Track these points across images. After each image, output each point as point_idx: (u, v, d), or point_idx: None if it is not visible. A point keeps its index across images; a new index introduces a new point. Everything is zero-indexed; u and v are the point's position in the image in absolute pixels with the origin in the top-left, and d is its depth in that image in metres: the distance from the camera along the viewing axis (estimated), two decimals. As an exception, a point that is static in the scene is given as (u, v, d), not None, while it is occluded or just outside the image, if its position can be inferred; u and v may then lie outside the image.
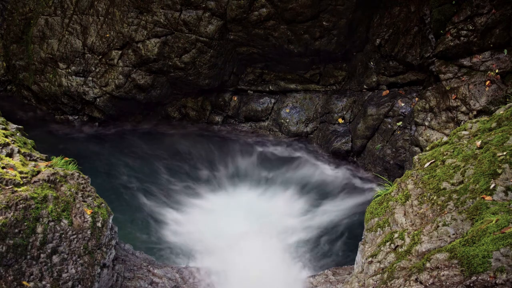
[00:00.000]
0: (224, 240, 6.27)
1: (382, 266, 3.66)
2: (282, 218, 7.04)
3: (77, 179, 4.24)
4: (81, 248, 3.85)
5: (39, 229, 3.59)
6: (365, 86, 8.69)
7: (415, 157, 4.57)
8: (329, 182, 8.17)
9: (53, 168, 4.11)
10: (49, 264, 3.58)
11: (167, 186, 7.84)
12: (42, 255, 3.55)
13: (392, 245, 3.74)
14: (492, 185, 3.50)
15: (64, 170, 4.19)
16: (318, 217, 7.10)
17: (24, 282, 3.34)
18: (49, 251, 3.61)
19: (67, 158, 4.53)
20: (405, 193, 4.08)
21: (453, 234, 3.38)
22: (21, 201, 3.52)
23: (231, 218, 6.89)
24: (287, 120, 9.25)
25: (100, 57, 8.99)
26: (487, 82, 6.53)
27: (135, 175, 8.18)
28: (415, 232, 3.61)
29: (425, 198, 3.88)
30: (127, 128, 9.71)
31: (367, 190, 7.87)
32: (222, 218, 6.88)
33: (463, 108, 6.74)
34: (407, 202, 3.99)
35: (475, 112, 6.56)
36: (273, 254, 6.05)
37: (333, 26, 8.13)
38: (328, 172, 8.50)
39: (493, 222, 3.13)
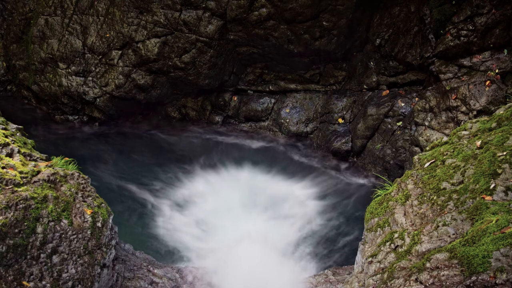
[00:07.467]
0: (224, 240, 6.27)
1: (382, 266, 3.66)
2: (282, 218, 7.05)
3: (77, 179, 4.24)
4: (81, 248, 3.85)
5: (39, 229, 3.59)
6: (365, 86, 8.69)
7: (415, 157, 4.57)
8: (329, 182, 8.17)
9: (53, 168, 4.11)
10: (49, 264, 3.57)
11: (167, 186, 7.85)
12: (42, 255, 3.55)
13: (392, 245, 3.74)
14: (492, 185, 3.49)
15: (64, 170, 4.19)
16: (318, 217, 7.10)
17: (24, 282, 3.34)
18: (49, 251, 3.61)
19: (67, 158, 4.53)
20: (405, 193, 4.08)
21: (453, 234, 3.37)
22: (21, 201, 3.52)
23: (231, 218, 6.90)
24: (287, 120, 9.25)
25: (100, 57, 8.99)
26: (487, 82, 6.53)
27: (135, 175, 8.18)
28: (415, 232, 3.61)
29: (425, 198, 3.88)
30: (127, 128, 9.71)
31: (367, 190, 7.86)
32: (222, 218, 6.89)
33: (463, 108, 6.74)
34: (407, 202, 3.99)
35: (475, 112, 6.55)
36: (273, 254, 6.05)
37: (333, 26, 8.13)
38: (327, 172, 8.50)
39: (493, 222, 3.13)
